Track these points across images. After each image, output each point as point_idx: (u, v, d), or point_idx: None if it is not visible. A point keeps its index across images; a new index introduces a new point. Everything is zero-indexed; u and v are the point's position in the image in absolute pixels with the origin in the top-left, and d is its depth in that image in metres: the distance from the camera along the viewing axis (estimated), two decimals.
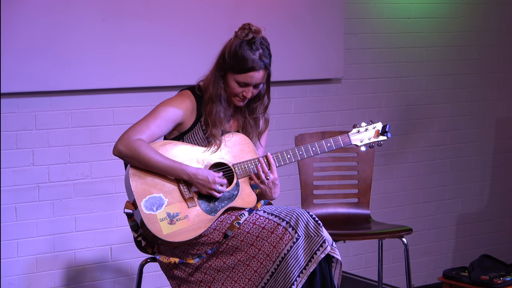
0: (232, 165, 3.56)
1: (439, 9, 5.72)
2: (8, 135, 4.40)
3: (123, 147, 3.46)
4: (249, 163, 3.58)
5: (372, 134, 3.80)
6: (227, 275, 3.44)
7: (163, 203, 3.43)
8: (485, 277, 5.09)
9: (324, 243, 3.39)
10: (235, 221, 3.43)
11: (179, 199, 3.46)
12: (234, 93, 3.56)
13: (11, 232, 4.43)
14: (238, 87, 3.55)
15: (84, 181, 4.60)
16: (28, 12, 4.31)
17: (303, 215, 3.42)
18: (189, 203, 3.46)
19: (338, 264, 3.49)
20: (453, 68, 5.83)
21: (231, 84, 3.55)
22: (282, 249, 3.37)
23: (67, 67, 4.43)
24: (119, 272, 4.72)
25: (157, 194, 3.43)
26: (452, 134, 5.87)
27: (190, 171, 3.47)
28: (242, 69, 3.51)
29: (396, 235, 4.24)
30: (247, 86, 3.54)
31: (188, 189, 3.47)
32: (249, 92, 3.56)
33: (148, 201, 3.41)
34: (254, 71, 3.52)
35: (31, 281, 4.50)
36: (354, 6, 5.36)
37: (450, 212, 5.93)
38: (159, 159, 3.45)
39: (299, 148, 3.65)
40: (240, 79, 3.53)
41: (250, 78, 3.52)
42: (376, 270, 4.74)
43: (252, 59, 3.50)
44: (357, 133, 3.77)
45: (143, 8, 4.60)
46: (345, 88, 5.39)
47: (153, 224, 3.38)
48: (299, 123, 5.21)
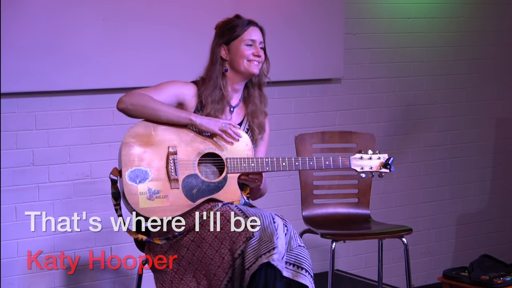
0: (226, 158, 3.56)
1: (439, 9, 5.72)
2: (8, 135, 4.40)
3: (128, 98, 3.52)
4: (242, 160, 3.57)
5: (375, 164, 3.69)
6: (196, 268, 3.45)
7: (147, 178, 3.46)
8: (485, 277, 5.09)
9: (272, 250, 3.33)
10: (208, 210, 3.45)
11: (164, 178, 3.47)
12: (246, 55, 3.64)
13: (11, 232, 4.43)
14: (247, 48, 3.65)
15: (84, 181, 4.60)
16: (28, 12, 4.32)
17: (266, 218, 3.39)
18: (172, 183, 3.48)
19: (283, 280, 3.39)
20: (453, 68, 5.83)
21: (240, 48, 3.65)
22: (240, 245, 3.36)
23: (67, 67, 4.43)
24: (119, 272, 4.72)
25: (144, 168, 3.46)
26: (452, 134, 5.87)
27: (196, 116, 3.55)
28: (242, 29, 3.67)
29: (396, 235, 4.24)
30: (254, 44, 3.66)
31: (175, 171, 3.47)
32: (259, 49, 3.66)
33: (134, 172, 3.45)
34: (253, 26, 3.69)
35: (31, 281, 4.50)
36: (354, 6, 5.36)
37: (450, 212, 5.93)
38: (165, 106, 3.52)
39: (297, 159, 3.62)
40: (245, 37, 3.66)
41: (254, 32, 3.68)
42: (376, 270, 4.73)
43: (244, 21, 3.70)
44: (359, 159, 3.68)
45: (143, 8, 4.60)
46: (345, 88, 5.39)
47: (131, 195, 3.43)
48: (299, 123, 5.21)
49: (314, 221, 4.39)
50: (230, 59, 3.67)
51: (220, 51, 3.67)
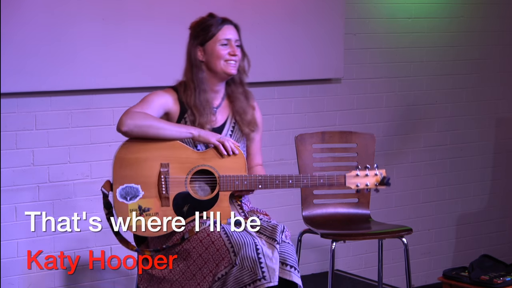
0: (219, 176, 3.53)
1: (439, 9, 5.72)
2: (8, 135, 4.40)
3: (130, 119, 3.45)
4: (235, 178, 3.52)
5: (372, 180, 3.57)
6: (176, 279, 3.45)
7: (138, 195, 3.45)
8: (485, 277, 5.09)
9: (258, 281, 3.31)
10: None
11: (155, 195, 3.46)
12: (222, 55, 3.60)
13: (11, 232, 4.43)
14: (223, 48, 3.60)
15: (84, 181, 4.60)
16: (28, 13, 4.31)
17: (249, 246, 3.35)
18: (163, 201, 3.47)
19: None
20: (453, 68, 5.83)
21: (215, 48, 3.60)
22: (221, 270, 3.36)
23: (67, 67, 4.43)
24: (119, 272, 4.72)
25: (136, 185, 3.45)
26: (452, 134, 5.87)
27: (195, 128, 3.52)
28: (216, 29, 3.62)
29: (396, 235, 4.23)
30: (229, 43, 3.61)
31: (166, 189, 3.46)
32: (235, 48, 3.61)
33: (125, 189, 3.44)
34: (227, 24, 3.64)
35: (31, 281, 4.50)
36: (354, 6, 5.36)
37: (450, 212, 5.93)
38: (167, 124, 3.49)
39: (290, 176, 3.55)
40: (220, 37, 3.61)
41: (228, 31, 3.63)
42: (376, 270, 4.73)
43: (217, 20, 3.65)
44: (355, 177, 3.58)
45: (143, 8, 4.60)
46: (345, 88, 5.39)
47: (121, 213, 3.43)
48: (299, 123, 5.21)
49: (314, 221, 4.39)
50: (206, 60, 3.63)
51: (196, 53, 3.64)
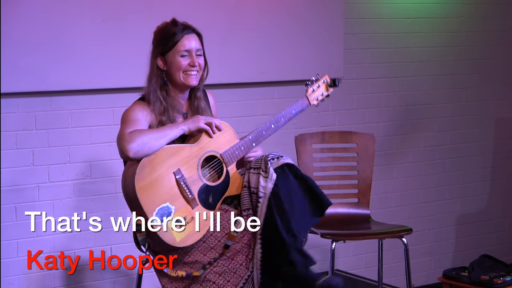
0: (220, 154, 3.59)
1: (439, 9, 5.72)
2: (8, 135, 4.40)
3: (132, 143, 3.43)
4: (234, 149, 3.61)
5: (324, 88, 3.89)
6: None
7: (171, 211, 3.44)
8: (485, 277, 5.09)
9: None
10: (233, 231, 3.49)
11: (184, 203, 3.48)
12: (182, 67, 3.58)
13: (11, 232, 4.43)
14: (183, 60, 3.58)
15: (84, 181, 4.60)
16: (28, 13, 4.31)
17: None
18: (192, 203, 3.49)
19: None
20: (453, 68, 5.83)
21: (176, 60, 3.58)
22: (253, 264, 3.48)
23: (67, 67, 4.43)
24: (119, 272, 4.72)
25: (164, 203, 3.45)
26: (452, 134, 5.87)
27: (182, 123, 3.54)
28: (176, 40, 3.58)
29: (396, 235, 4.23)
30: (190, 53, 3.59)
31: (190, 191, 3.48)
32: (195, 59, 3.59)
33: (158, 213, 3.43)
34: (188, 34, 3.59)
35: (31, 281, 4.50)
36: (354, 6, 5.36)
37: (450, 212, 5.93)
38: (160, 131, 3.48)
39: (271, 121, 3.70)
40: (180, 48, 3.58)
41: (188, 42, 3.59)
42: (376, 270, 4.73)
43: (178, 28, 3.60)
44: (312, 92, 3.85)
45: (143, 8, 4.60)
46: (345, 88, 5.39)
47: (165, 234, 3.41)
48: (299, 123, 5.21)
49: None
50: (167, 70, 3.61)
51: (156, 62, 3.61)
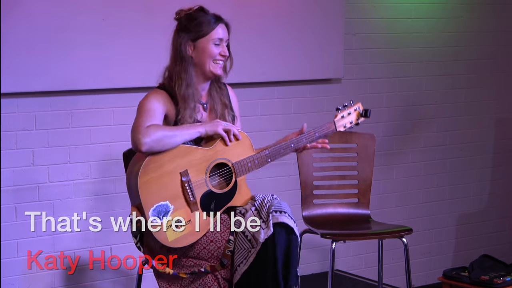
0: (232, 164, 3.57)
1: (439, 9, 5.72)
2: (8, 135, 4.40)
3: (147, 137, 3.40)
4: (247, 161, 3.60)
5: (354, 116, 3.86)
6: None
7: (169, 210, 3.44)
8: (485, 277, 5.09)
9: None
10: (227, 250, 3.48)
11: (184, 204, 3.47)
12: (214, 55, 3.57)
13: (11, 232, 4.43)
14: (215, 48, 3.57)
15: (84, 181, 4.60)
16: (29, 13, 4.31)
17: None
18: (192, 207, 3.48)
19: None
20: (453, 68, 5.83)
21: (208, 47, 3.56)
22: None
23: (67, 67, 4.43)
24: (119, 272, 4.72)
25: (164, 201, 3.45)
26: (451, 134, 5.87)
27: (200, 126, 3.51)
28: (211, 27, 3.56)
29: (396, 235, 4.23)
30: (221, 42, 3.58)
31: (193, 195, 3.48)
32: (225, 49, 3.59)
33: (155, 209, 3.43)
34: (221, 23, 3.59)
35: (31, 281, 4.50)
36: (354, 6, 5.36)
37: (450, 212, 5.93)
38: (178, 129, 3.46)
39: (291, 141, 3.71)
40: (214, 36, 3.56)
41: (222, 30, 3.58)
42: (376, 270, 4.73)
43: (212, 16, 3.58)
44: (341, 119, 3.84)
45: (143, 8, 4.60)
46: (345, 88, 5.39)
47: (158, 232, 3.41)
48: (299, 123, 5.19)
49: (314, 221, 4.39)
50: (195, 57, 3.58)
51: (186, 47, 3.57)
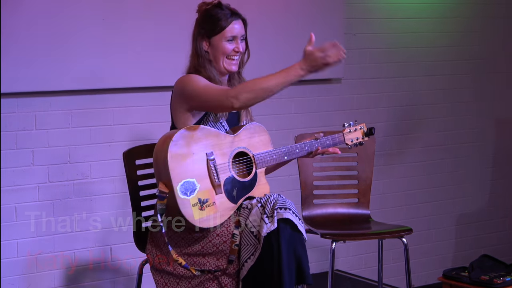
0: (253, 155, 3.61)
1: (439, 9, 5.72)
2: (8, 135, 4.40)
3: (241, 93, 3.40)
4: (266, 155, 3.66)
5: (360, 134, 3.90)
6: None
7: (196, 188, 3.43)
8: (485, 277, 5.09)
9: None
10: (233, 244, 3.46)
11: (209, 185, 3.47)
12: (227, 52, 3.59)
13: (11, 232, 4.43)
14: (229, 44, 3.60)
15: (84, 181, 4.60)
16: (28, 12, 4.31)
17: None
18: (217, 189, 3.48)
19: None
20: (453, 68, 5.83)
21: (221, 44, 3.59)
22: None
23: (67, 67, 4.43)
24: (119, 272, 4.72)
25: (191, 179, 3.44)
26: (452, 134, 5.87)
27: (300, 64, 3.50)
28: (224, 25, 3.59)
29: (396, 235, 4.24)
30: (235, 39, 3.61)
31: (217, 176, 3.48)
32: (239, 45, 3.62)
33: (183, 185, 3.41)
34: (236, 20, 3.61)
35: (31, 281, 4.50)
36: (354, 6, 5.36)
37: (450, 212, 5.93)
38: (271, 78, 3.48)
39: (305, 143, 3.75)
40: (227, 34, 3.59)
41: (236, 26, 3.60)
42: (376, 270, 4.73)
43: (227, 13, 3.61)
44: (349, 133, 3.87)
45: (143, 8, 4.60)
46: (345, 88, 5.39)
47: (186, 208, 3.40)
48: (299, 123, 5.21)
49: (314, 221, 4.39)
50: (211, 53, 3.63)
51: (201, 43, 3.62)
